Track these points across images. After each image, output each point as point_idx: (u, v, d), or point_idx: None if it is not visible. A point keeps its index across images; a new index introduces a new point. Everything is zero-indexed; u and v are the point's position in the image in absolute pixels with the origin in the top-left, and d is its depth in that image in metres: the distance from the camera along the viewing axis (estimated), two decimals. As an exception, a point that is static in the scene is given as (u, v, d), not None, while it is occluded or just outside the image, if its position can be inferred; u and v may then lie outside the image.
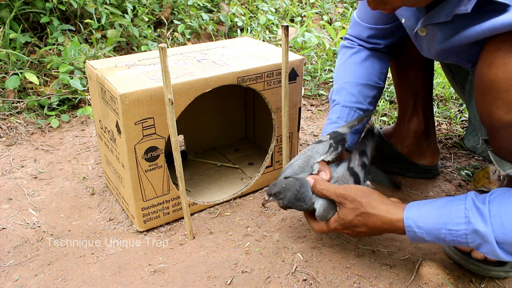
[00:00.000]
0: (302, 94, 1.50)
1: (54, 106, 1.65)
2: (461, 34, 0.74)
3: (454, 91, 1.68)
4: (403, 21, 0.91)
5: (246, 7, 2.69)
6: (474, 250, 0.89)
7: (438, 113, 1.70)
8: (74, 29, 1.99)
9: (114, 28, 2.05)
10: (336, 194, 0.84)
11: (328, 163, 0.93)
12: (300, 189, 0.86)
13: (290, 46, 2.28)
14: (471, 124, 0.87)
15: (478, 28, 0.69)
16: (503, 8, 0.65)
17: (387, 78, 1.99)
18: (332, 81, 1.53)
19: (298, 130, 1.24)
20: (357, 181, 0.90)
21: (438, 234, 0.75)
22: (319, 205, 0.86)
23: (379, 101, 1.77)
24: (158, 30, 2.31)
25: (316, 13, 2.95)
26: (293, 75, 1.12)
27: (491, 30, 0.66)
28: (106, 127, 1.05)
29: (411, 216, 0.77)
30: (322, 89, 1.95)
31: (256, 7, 2.73)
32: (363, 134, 1.03)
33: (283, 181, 0.87)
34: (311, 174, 0.90)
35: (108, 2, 2.13)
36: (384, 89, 1.86)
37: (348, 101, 1.05)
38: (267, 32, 2.55)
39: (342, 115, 1.03)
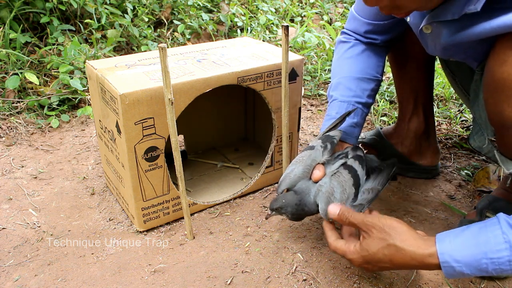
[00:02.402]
0: (302, 94, 1.50)
1: (54, 106, 1.65)
2: (468, 30, 0.73)
3: (454, 91, 1.68)
4: (408, 19, 0.90)
5: (246, 7, 2.69)
6: None
7: (438, 113, 1.70)
8: (74, 29, 1.99)
9: (114, 28, 2.05)
10: (364, 222, 0.77)
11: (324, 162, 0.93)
12: (300, 202, 0.87)
13: (290, 46, 2.28)
14: (476, 124, 0.86)
15: (487, 25, 0.68)
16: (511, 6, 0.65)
17: (387, 78, 2.00)
18: (332, 81, 1.53)
19: (298, 130, 1.24)
20: (354, 173, 0.88)
21: (479, 265, 0.67)
22: (321, 203, 0.86)
23: (379, 102, 1.77)
24: (158, 30, 2.31)
25: (316, 13, 2.96)
26: (293, 75, 1.12)
27: (502, 27, 0.66)
28: (106, 127, 1.05)
29: (446, 251, 0.69)
30: (322, 89, 1.95)
31: (256, 7, 2.74)
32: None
33: (283, 196, 0.89)
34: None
35: (108, 2, 2.13)
36: (384, 89, 1.87)
37: (346, 96, 1.04)
38: (267, 32, 2.55)
39: (340, 110, 1.03)
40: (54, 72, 1.75)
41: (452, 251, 0.69)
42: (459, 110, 1.69)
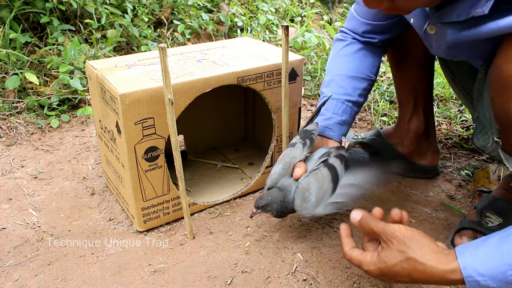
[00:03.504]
0: (302, 94, 1.50)
1: (54, 106, 1.65)
2: (473, 30, 0.73)
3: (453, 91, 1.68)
4: (411, 21, 0.90)
5: (246, 7, 2.69)
6: None
7: (438, 113, 1.70)
8: (74, 29, 1.99)
9: (114, 28, 2.05)
10: (384, 232, 0.73)
11: (305, 159, 0.94)
12: (284, 199, 0.89)
13: (290, 46, 2.28)
14: (480, 123, 0.85)
15: (494, 25, 0.68)
16: None
17: (387, 78, 2.00)
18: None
19: (298, 130, 1.24)
20: (333, 170, 0.88)
21: (505, 277, 0.63)
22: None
23: (379, 102, 1.77)
24: (158, 30, 2.31)
25: (316, 13, 2.96)
26: (293, 75, 1.12)
27: (507, 27, 0.66)
28: (106, 127, 1.05)
29: (468, 265, 0.65)
30: (322, 89, 1.95)
31: (256, 7, 2.73)
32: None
33: (268, 193, 0.90)
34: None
35: (108, 2, 2.13)
36: (384, 89, 1.87)
37: (337, 93, 1.05)
38: (267, 32, 2.55)
39: (329, 106, 1.04)
40: (54, 72, 1.75)
41: (475, 265, 0.64)
42: (459, 110, 1.69)
